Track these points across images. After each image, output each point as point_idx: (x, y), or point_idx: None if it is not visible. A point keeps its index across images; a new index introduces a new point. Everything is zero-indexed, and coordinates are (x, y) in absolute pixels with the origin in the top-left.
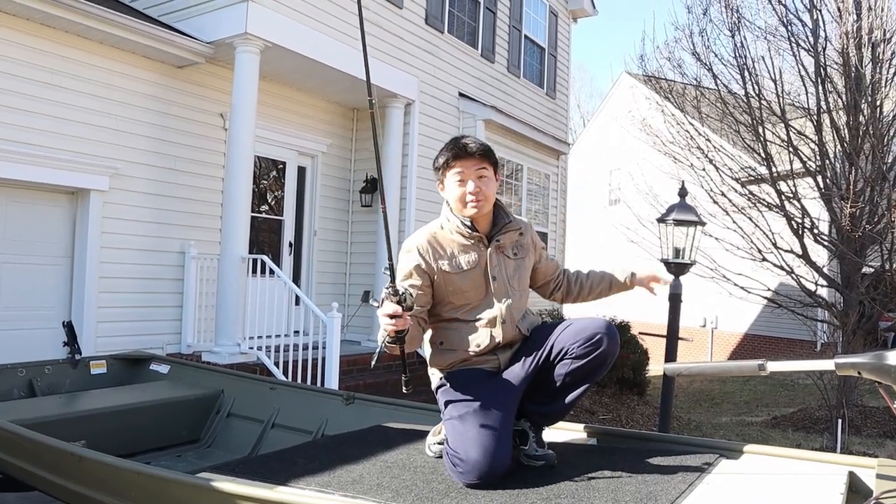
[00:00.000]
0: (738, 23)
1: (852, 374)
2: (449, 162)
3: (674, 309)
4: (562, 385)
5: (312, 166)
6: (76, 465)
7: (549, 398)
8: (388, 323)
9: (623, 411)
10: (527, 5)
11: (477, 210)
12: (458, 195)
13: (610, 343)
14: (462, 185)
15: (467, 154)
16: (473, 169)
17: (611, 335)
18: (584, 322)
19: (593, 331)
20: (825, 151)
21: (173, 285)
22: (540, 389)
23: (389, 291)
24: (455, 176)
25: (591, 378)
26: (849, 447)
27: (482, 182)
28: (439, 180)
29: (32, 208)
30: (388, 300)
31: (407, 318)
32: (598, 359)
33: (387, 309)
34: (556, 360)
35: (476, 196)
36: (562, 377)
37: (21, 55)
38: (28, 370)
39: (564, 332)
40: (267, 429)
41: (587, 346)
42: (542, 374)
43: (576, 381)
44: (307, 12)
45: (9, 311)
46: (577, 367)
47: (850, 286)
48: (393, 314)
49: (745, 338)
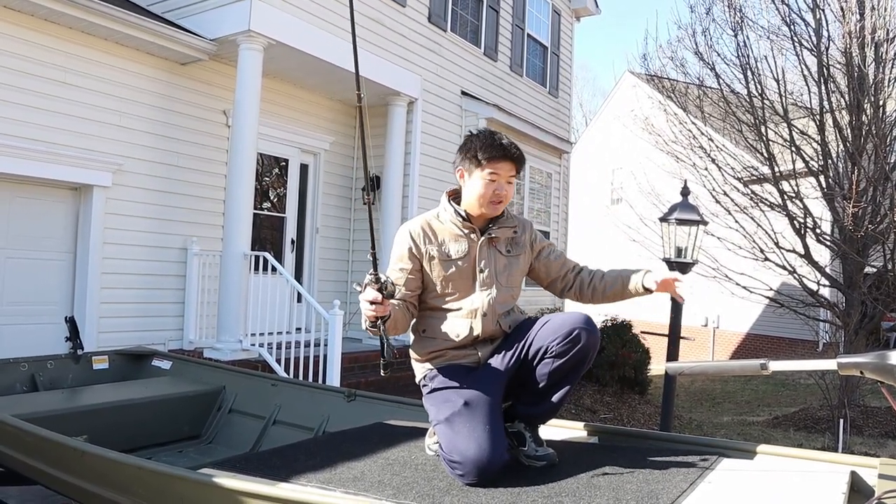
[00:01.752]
0: (740, 22)
1: (855, 373)
2: (492, 160)
3: (675, 308)
4: (547, 384)
5: (315, 164)
6: (78, 459)
7: (538, 398)
8: (368, 308)
9: (624, 410)
10: (530, 4)
11: (495, 210)
12: (484, 192)
13: (589, 337)
14: (493, 185)
15: (509, 158)
16: (507, 173)
17: (589, 329)
18: (561, 317)
19: (571, 326)
20: (828, 151)
21: (175, 281)
22: (527, 389)
23: (371, 278)
24: (489, 175)
25: (575, 374)
26: (851, 447)
27: (509, 187)
28: (464, 168)
29: (36, 204)
30: (370, 286)
31: (387, 305)
32: (577, 354)
33: (367, 295)
34: (536, 358)
35: (501, 198)
36: (545, 376)
37: (25, 51)
38: (30, 365)
39: (543, 328)
40: (268, 425)
41: (566, 342)
42: (525, 373)
43: (560, 378)
44: (310, 10)
45: (12, 306)
46: (559, 364)
47: (852, 286)
48: (373, 300)
49: (747, 337)
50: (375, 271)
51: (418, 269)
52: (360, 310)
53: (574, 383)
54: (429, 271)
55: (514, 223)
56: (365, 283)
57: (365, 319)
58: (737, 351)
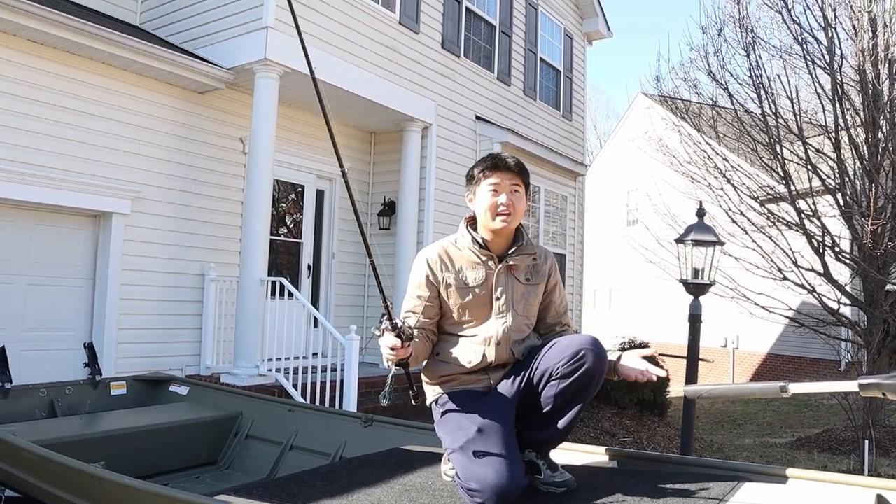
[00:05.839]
0: (752, 42)
1: (877, 395)
2: (486, 172)
3: (693, 330)
4: (554, 408)
5: (331, 189)
6: (96, 486)
7: (545, 422)
8: (389, 354)
9: (644, 433)
10: (542, 28)
11: (505, 223)
12: (489, 205)
13: (595, 359)
14: (495, 196)
15: (505, 167)
16: (509, 183)
17: (596, 351)
18: (568, 339)
19: (577, 347)
20: (844, 169)
21: (193, 307)
22: (535, 414)
23: (387, 326)
24: (489, 186)
25: (582, 397)
26: (877, 469)
27: (515, 197)
28: (471, 191)
29: (56, 231)
30: (388, 332)
31: (407, 348)
32: (583, 377)
33: (387, 341)
34: (543, 381)
35: (507, 209)
36: (551, 399)
37: (47, 82)
38: (49, 391)
39: (550, 350)
40: (285, 451)
41: (571, 364)
42: (532, 397)
43: (567, 401)
44: (325, 38)
45: (32, 332)
46: (564, 386)
47: (873, 304)
48: (393, 347)
49: (767, 357)
50: (391, 318)
51: (436, 296)
52: (379, 347)
53: (582, 406)
54: (446, 298)
55: (534, 251)
56: (382, 328)
57: (386, 360)
58: (757, 372)
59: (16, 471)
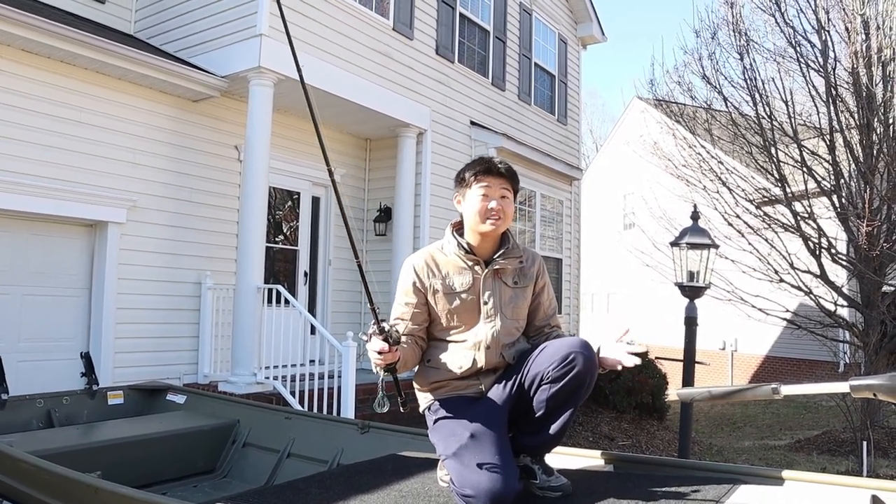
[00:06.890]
0: (746, 45)
1: (868, 396)
2: (477, 176)
3: (689, 333)
4: (546, 412)
5: (327, 196)
6: (92, 496)
7: (537, 427)
8: (377, 358)
9: (643, 437)
10: (536, 33)
11: (495, 227)
12: (479, 209)
13: (585, 363)
14: (485, 200)
15: (496, 172)
16: (499, 187)
17: (586, 354)
18: (558, 343)
19: (567, 350)
20: (839, 171)
21: (190, 315)
22: (527, 419)
23: (375, 329)
24: (480, 190)
25: (574, 400)
26: (875, 470)
27: (504, 202)
28: (459, 194)
29: (51, 241)
30: (375, 336)
31: (395, 352)
32: (574, 380)
33: (374, 345)
34: (534, 385)
35: (497, 213)
36: (543, 403)
37: (41, 92)
38: (46, 401)
39: (540, 355)
40: (283, 458)
41: (561, 367)
42: (525, 402)
43: (558, 405)
44: (320, 45)
45: (28, 342)
46: (556, 390)
47: (870, 305)
48: (380, 350)
49: (766, 360)
50: (378, 322)
51: (424, 302)
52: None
53: (573, 410)
54: (434, 304)
55: (520, 254)
56: (370, 332)
57: (374, 365)
58: (756, 374)
59: (13, 482)
